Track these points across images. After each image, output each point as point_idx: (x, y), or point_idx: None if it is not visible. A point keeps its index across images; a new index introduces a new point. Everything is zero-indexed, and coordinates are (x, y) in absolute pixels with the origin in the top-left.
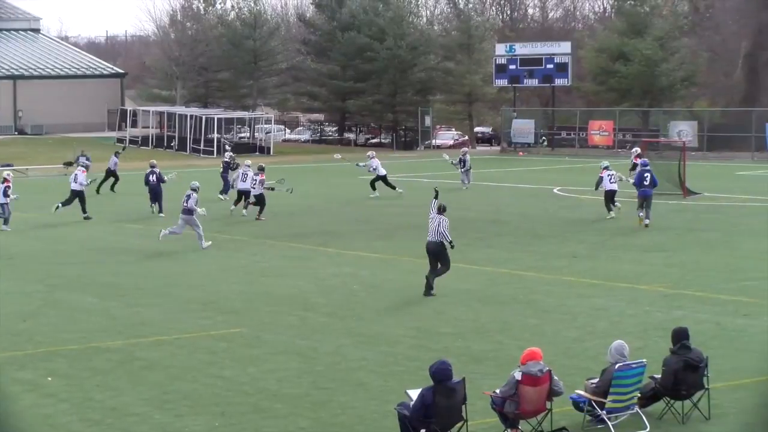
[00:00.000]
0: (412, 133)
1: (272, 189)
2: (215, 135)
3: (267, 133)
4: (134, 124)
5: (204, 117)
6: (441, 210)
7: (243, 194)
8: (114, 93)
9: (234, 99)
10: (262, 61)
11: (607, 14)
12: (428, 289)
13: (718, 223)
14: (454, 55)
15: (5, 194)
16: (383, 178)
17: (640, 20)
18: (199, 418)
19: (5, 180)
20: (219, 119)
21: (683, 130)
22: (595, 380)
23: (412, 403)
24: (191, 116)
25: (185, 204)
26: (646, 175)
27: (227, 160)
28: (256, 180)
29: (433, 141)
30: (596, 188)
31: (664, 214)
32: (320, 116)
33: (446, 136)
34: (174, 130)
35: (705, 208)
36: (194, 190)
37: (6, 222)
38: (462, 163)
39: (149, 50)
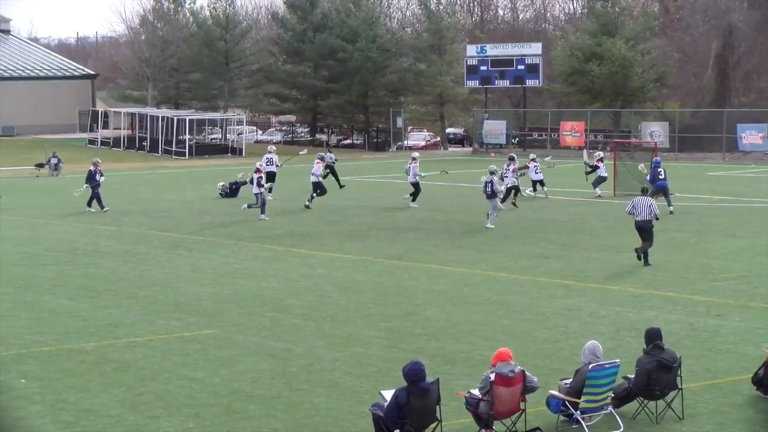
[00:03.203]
0: (384, 134)
1: (523, 174)
2: (186, 136)
3: (239, 134)
4: (105, 126)
5: (175, 118)
6: (645, 191)
7: (413, 186)
8: (85, 94)
9: (205, 100)
10: (233, 62)
11: (577, 15)
12: (643, 258)
13: (689, 223)
14: (425, 57)
15: (259, 184)
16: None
17: (611, 21)
18: (172, 420)
19: (257, 170)
20: (190, 120)
21: (655, 131)
22: (569, 381)
23: (386, 403)
24: (163, 117)
25: (489, 189)
26: (659, 170)
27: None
28: (507, 170)
29: (405, 142)
30: (521, 175)
31: None
32: (292, 117)
33: (418, 137)
34: (145, 131)
35: (676, 208)
36: (492, 173)
37: (263, 211)
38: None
39: (120, 51)
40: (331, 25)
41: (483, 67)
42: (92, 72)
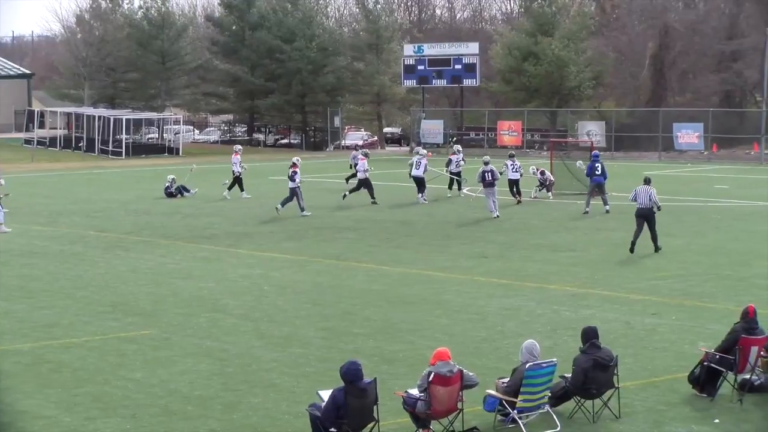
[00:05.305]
0: (322, 133)
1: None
2: (123, 136)
3: (176, 134)
4: (42, 125)
5: (112, 118)
6: (648, 182)
7: (417, 180)
8: (21, 94)
9: (142, 99)
10: (170, 61)
11: (514, 14)
12: (653, 246)
13: (626, 222)
14: (362, 56)
15: (292, 179)
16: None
17: (548, 21)
18: (109, 421)
19: (293, 165)
20: (127, 120)
21: (592, 130)
22: (506, 380)
23: (323, 404)
24: (99, 117)
25: (487, 179)
26: (597, 165)
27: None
28: (515, 165)
29: (343, 141)
30: (446, 167)
31: (572, 214)
32: (229, 117)
33: (355, 137)
34: (82, 131)
35: (613, 207)
36: (487, 163)
37: (302, 207)
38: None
39: (56, 50)
40: (269, 24)
41: (420, 67)
42: (28, 71)
